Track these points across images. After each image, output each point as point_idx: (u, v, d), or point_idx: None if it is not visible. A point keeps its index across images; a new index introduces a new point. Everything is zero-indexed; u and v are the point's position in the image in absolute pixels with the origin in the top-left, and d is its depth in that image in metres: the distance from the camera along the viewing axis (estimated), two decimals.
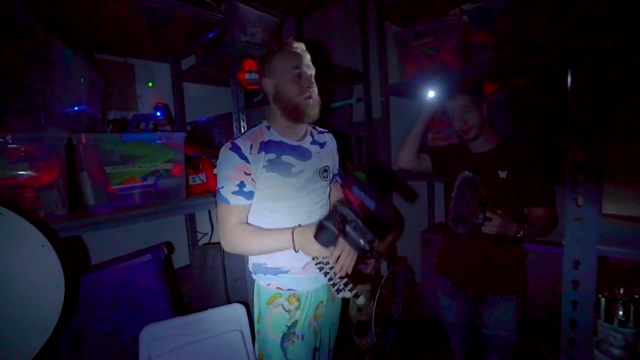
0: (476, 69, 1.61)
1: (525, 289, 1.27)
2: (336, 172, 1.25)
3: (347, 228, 0.89)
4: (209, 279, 1.67)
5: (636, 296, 0.66)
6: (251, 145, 1.03)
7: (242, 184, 1.03)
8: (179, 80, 1.91)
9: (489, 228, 1.18)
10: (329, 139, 1.24)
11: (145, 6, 1.21)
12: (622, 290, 0.66)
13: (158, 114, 1.73)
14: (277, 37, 1.85)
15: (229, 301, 1.47)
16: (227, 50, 1.44)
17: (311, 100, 1.06)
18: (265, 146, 1.06)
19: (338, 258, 0.95)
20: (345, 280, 1.01)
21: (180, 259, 1.93)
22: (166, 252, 1.50)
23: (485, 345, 1.36)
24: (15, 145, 0.90)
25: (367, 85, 2.17)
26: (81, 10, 1.19)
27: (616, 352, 0.59)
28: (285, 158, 1.07)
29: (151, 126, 1.68)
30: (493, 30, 1.60)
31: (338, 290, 1.00)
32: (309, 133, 1.17)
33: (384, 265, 2.23)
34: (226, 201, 1.02)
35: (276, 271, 1.12)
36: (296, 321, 1.11)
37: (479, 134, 1.33)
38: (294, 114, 1.06)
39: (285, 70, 1.05)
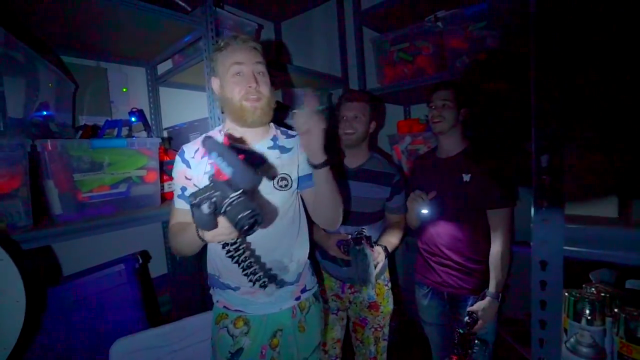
0: (451, 74, 1.64)
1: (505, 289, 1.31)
2: (307, 173, 1.04)
3: (226, 205, 0.73)
4: (186, 287, 1.62)
5: (603, 294, 0.68)
6: (196, 150, 0.99)
7: (183, 188, 1.00)
8: (155, 85, 1.87)
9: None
10: (297, 144, 1.06)
11: (116, 9, 1.18)
12: (589, 289, 0.69)
13: (133, 119, 1.68)
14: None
15: (206, 309, 1.43)
16: (203, 55, 1.42)
17: (252, 102, 0.94)
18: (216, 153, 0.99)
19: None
20: (254, 268, 0.89)
21: (158, 267, 1.87)
22: (141, 261, 1.45)
23: None
24: None
25: (345, 90, 2.18)
26: (47, 11, 1.15)
27: (584, 350, 0.61)
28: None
29: (125, 132, 1.63)
30: (467, 37, 1.65)
31: (251, 281, 0.91)
32: (270, 136, 1.05)
33: None
34: (173, 203, 1.02)
35: (224, 286, 1.02)
36: (241, 349, 0.99)
37: (446, 130, 1.38)
38: (236, 117, 0.97)
39: (226, 68, 0.95)
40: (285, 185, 1.01)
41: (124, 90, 1.76)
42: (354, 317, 1.45)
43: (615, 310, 0.60)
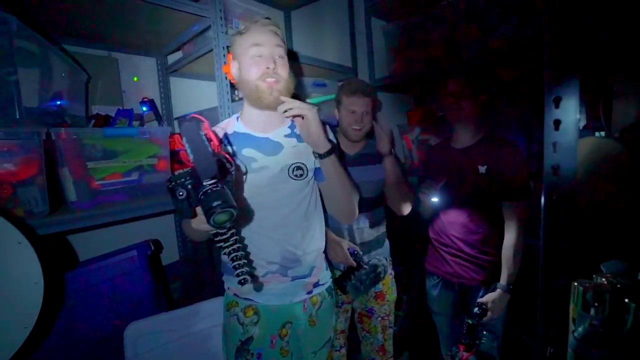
0: (463, 62, 1.61)
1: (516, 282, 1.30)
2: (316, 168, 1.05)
3: (201, 194, 0.68)
4: (198, 275, 1.66)
5: (613, 285, 0.67)
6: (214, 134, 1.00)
7: None
8: (166, 74, 1.89)
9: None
10: None
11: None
12: (599, 279, 0.67)
13: (144, 108, 1.70)
14: None
15: (217, 295, 1.47)
16: (213, 44, 1.42)
17: (270, 84, 0.92)
18: (228, 139, 0.98)
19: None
20: (241, 262, 0.79)
21: (170, 255, 1.91)
22: (153, 249, 1.48)
23: None
24: None
25: None
26: (59, 2, 1.16)
27: (592, 340, 0.60)
28: (246, 152, 0.96)
29: (137, 121, 1.66)
30: (480, 24, 1.60)
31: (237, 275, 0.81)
32: (288, 123, 1.03)
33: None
34: None
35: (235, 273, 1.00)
36: (251, 337, 0.99)
37: (462, 119, 1.34)
38: (253, 99, 0.95)
39: (245, 50, 0.94)
40: (301, 175, 0.99)
41: (135, 79, 1.78)
42: (359, 308, 1.46)
43: (626, 300, 0.60)
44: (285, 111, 0.90)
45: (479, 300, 1.26)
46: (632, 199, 0.60)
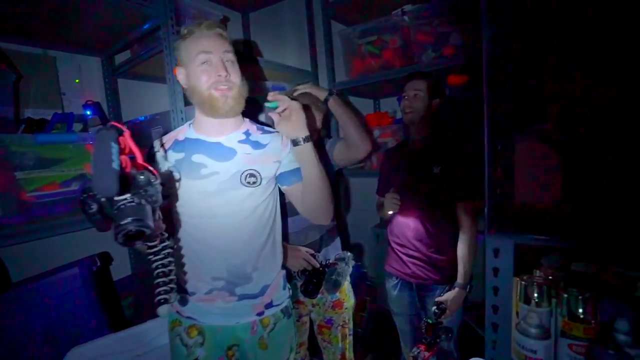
0: (417, 67, 1.67)
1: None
2: (294, 168, 0.99)
3: (115, 208, 0.62)
4: (151, 289, 1.55)
5: (550, 277, 0.71)
6: (162, 144, 0.96)
7: None
8: (113, 76, 1.76)
9: None
10: (277, 139, 1.00)
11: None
12: (538, 273, 0.72)
13: (88, 112, 1.58)
14: None
15: None
16: (163, 44, 1.35)
17: (224, 92, 0.89)
18: (178, 144, 0.96)
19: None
20: (165, 279, 0.76)
21: (121, 270, 1.78)
22: (99, 264, 1.37)
23: None
24: None
25: (315, 84, 2.16)
26: None
27: (532, 330, 0.64)
28: (196, 157, 0.93)
29: (80, 127, 1.53)
30: (432, 32, 1.68)
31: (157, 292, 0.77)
32: (242, 129, 0.99)
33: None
34: None
35: (179, 289, 0.90)
36: (196, 359, 0.94)
37: (416, 121, 1.39)
38: (206, 108, 0.92)
39: (192, 57, 0.89)
40: (254, 182, 0.94)
41: (77, 81, 1.65)
42: (318, 320, 1.43)
43: (560, 291, 0.64)
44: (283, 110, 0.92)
45: (437, 299, 1.31)
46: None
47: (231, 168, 0.93)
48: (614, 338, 0.57)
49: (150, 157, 0.96)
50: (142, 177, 0.65)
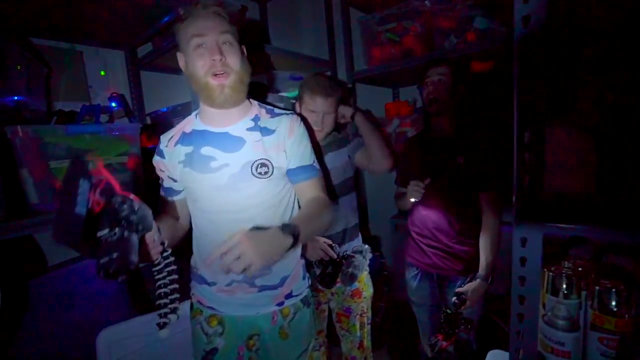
0: (439, 54, 1.62)
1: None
2: (299, 165, 0.95)
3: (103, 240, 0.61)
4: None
5: (580, 269, 0.69)
6: (170, 138, 0.95)
7: (161, 180, 0.98)
8: (136, 68, 1.80)
9: None
10: (284, 123, 0.93)
11: None
12: (567, 264, 0.70)
13: (113, 104, 1.63)
14: (239, 22, 1.78)
15: None
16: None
17: (219, 79, 0.83)
18: (186, 137, 0.93)
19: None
20: (166, 299, 0.78)
21: None
22: None
23: None
24: None
25: (333, 73, 2.14)
26: None
27: (559, 322, 0.62)
28: (205, 150, 0.89)
29: (106, 118, 1.58)
30: (454, 16, 1.62)
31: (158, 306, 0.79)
32: (250, 115, 0.93)
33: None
34: None
35: (200, 280, 0.96)
36: (215, 349, 0.94)
37: (442, 109, 1.34)
38: (203, 97, 0.88)
39: (187, 41, 0.84)
40: (265, 173, 0.88)
41: (102, 74, 1.70)
42: (337, 309, 1.44)
43: (590, 283, 0.62)
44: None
45: (458, 290, 1.29)
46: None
47: (241, 159, 0.88)
48: None
49: (159, 153, 0.96)
50: (124, 206, 0.62)
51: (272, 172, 0.90)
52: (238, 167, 0.88)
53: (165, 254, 0.79)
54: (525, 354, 0.62)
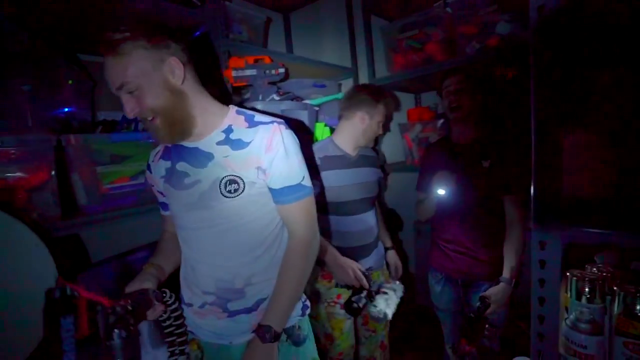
0: (461, 60, 1.63)
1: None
2: (284, 186, 0.83)
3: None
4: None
5: (604, 274, 0.69)
6: (157, 152, 0.94)
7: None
8: None
9: None
10: (260, 135, 0.81)
11: (134, 8, 1.22)
12: (591, 269, 0.70)
13: None
14: (263, 33, 1.86)
15: None
16: (214, 48, 1.46)
17: (146, 123, 0.79)
18: (167, 152, 0.90)
19: None
20: (175, 348, 0.82)
21: None
22: None
23: None
24: (4, 148, 0.92)
25: (355, 80, 2.18)
26: (64, 12, 1.20)
27: (582, 326, 0.63)
28: (180, 165, 0.85)
29: (142, 126, 1.69)
30: (476, 22, 1.62)
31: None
32: (222, 126, 0.84)
33: None
34: None
35: (181, 299, 0.91)
36: None
37: (465, 117, 1.36)
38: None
39: None
40: (235, 190, 0.80)
41: None
42: (365, 311, 1.41)
43: (615, 288, 0.62)
44: None
45: (482, 294, 1.28)
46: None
47: (210, 175, 0.82)
48: None
49: (148, 168, 0.97)
50: (112, 316, 0.67)
51: (244, 189, 0.81)
52: (208, 184, 0.82)
53: (170, 305, 0.83)
54: (547, 356, 0.63)
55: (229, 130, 0.84)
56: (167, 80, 0.76)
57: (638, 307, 0.61)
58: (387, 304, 1.23)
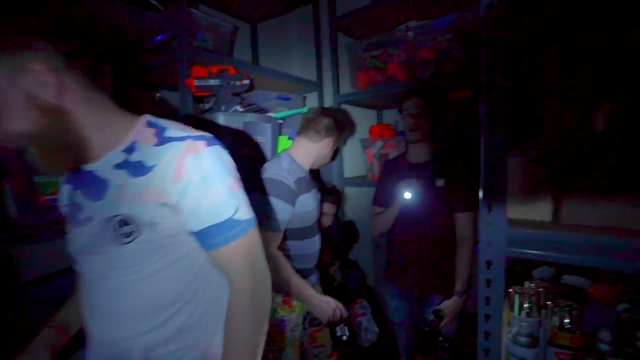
0: (420, 82, 1.72)
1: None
2: (207, 225, 0.61)
3: None
4: None
5: (540, 289, 0.75)
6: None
7: None
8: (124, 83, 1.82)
9: None
10: (167, 159, 0.60)
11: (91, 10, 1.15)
12: (529, 284, 0.76)
13: None
14: (229, 43, 1.84)
15: None
16: (176, 55, 1.41)
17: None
18: (71, 174, 0.70)
19: None
20: None
21: None
22: None
23: None
24: None
25: (320, 94, 2.22)
26: None
27: (522, 339, 0.68)
28: (76, 195, 0.66)
29: None
30: (435, 47, 1.73)
31: None
32: (123, 145, 0.64)
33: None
34: None
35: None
36: None
37: (422, 139, 1.43)
38: None
39: None
40: (129, 235, 0.60)
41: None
42: (310, 330, 1.40)
43: (549, 302, 0.68)
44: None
45: (436, 307, 1.34)
46: None
47: (103, 210, 0.61)
48: (596, 347, 0.60)
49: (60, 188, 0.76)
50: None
51: (140, 232, 0.60)
52: (99, 224, 0.61)
53: None
54: None
55: (131, 148, 0.63)
56: (32, 95, 0.55)
57: (566, 320, 0.67)
58: (370, 322, 1.24)
